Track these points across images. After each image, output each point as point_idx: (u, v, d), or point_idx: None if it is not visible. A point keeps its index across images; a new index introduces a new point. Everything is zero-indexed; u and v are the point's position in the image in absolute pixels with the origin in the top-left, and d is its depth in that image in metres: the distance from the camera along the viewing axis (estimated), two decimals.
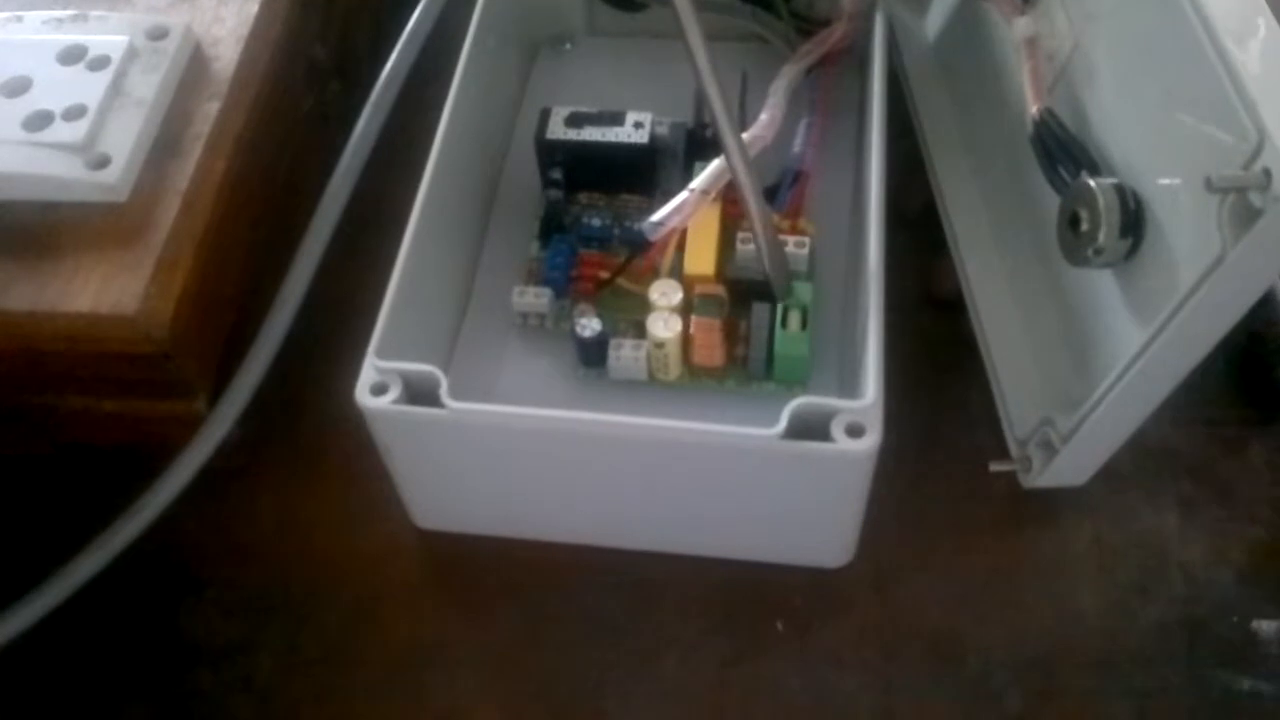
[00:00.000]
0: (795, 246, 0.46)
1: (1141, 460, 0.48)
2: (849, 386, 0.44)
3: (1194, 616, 0.44)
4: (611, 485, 0.42)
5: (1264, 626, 0.44)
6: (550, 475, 0.42)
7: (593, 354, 0.45)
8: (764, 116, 0.47)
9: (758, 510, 0.42)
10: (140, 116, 0.46)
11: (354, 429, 0.41)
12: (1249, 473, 0.47)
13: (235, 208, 0.47)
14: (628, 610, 0.45)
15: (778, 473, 0.40)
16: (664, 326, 0.44)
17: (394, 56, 0.54)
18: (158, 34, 0.48)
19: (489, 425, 0.39)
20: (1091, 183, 0.38)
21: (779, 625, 0.44)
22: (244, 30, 0.49)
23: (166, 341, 0.42)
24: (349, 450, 0.45)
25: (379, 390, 0.39)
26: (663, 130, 0.49)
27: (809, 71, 0.51)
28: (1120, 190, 0.37)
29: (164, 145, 0.46)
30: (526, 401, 0.40)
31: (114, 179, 0.44)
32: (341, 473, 0.48)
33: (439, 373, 0.39)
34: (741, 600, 0.45)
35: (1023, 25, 0.44)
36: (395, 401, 0.39)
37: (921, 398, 0.49)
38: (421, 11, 0.55)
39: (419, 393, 0.39)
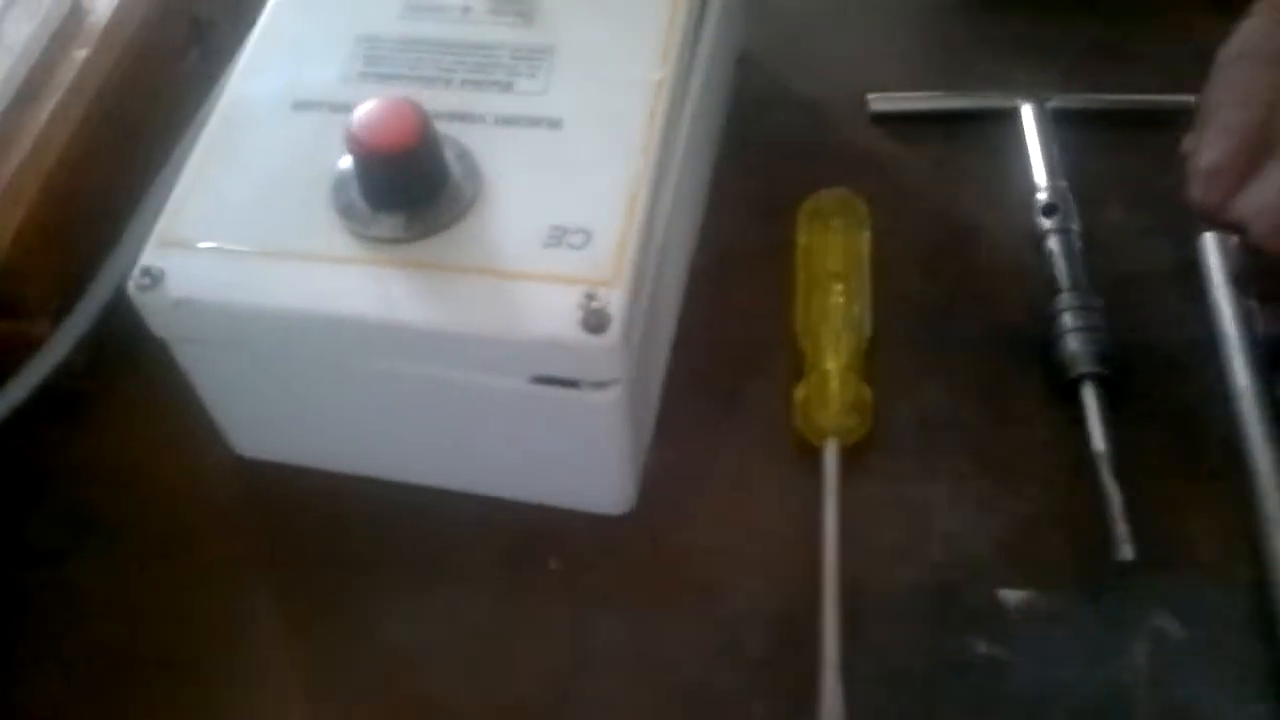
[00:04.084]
0: None
1: (925, 432, 0.50)
2: None
3: (946, 581, 0.46)
4: (392, 418, 0.45)
5: (1009, 595, 0.46)
6: (328, 399, 0.45)
7: None
8: None
9: (528, 452, 0.45)
10: (6, 64, 0.50)
11: None
12: (1025, 449, 0.49)
13: (92, 151, 0.51)
14: (415, 541, 0.48)
15: (533, 417, 0.43)
16: None
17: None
18: None
19: (224, 312, 0.42)
20: None
21: (552, 564, 0.47)
22: None
23: (2, 265, 0.46)
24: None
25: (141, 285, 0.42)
26: None
27: None
28: None
29: (28, 90, 0.50)
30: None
31: None
32: (179, 398, 0.51)
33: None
34: (523, 540, 0.48)
35: None
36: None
37: (725, 364, 0.51)
38: None
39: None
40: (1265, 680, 0.43)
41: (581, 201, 0.42)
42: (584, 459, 0.45)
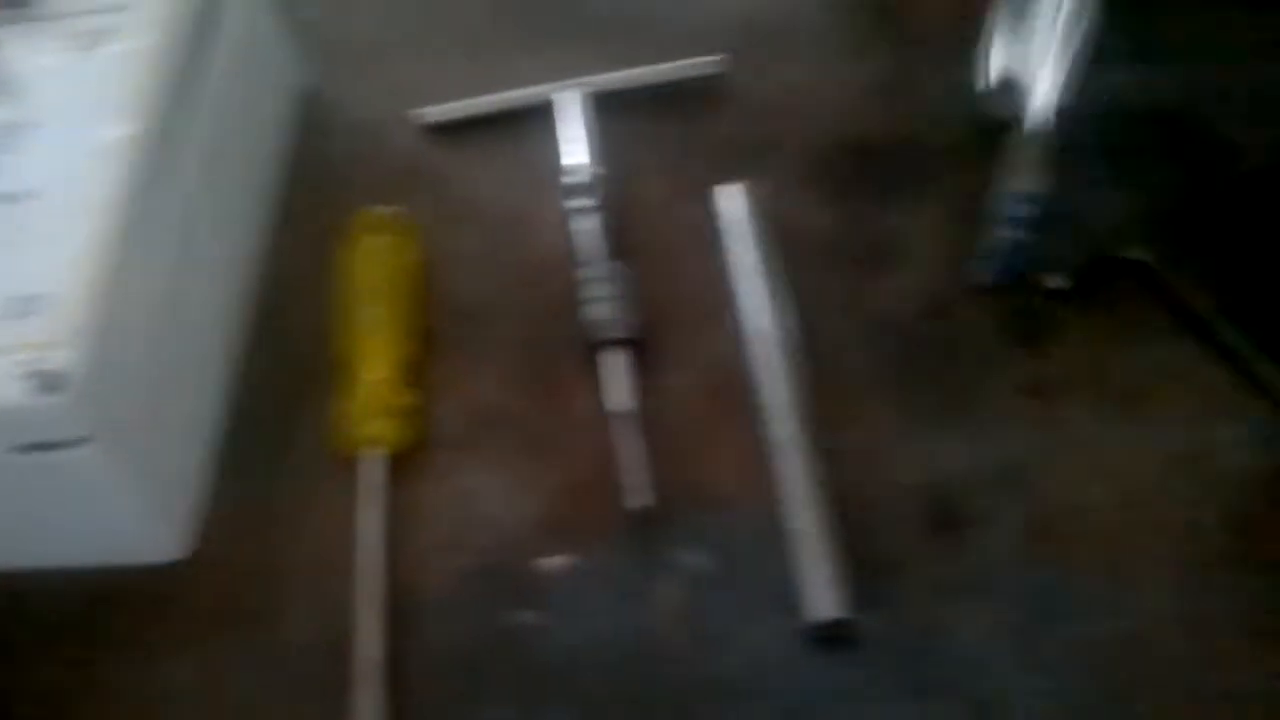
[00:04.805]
0: None
1: (477, 427, 0.52)
2: None
3: (492, 564, 0.48)
4: None
5: (547, 563, 0.48)
6: None
7: None
8: None
9: (49, 518, 0.46)
10: None
11: None
12: (567, 423, 0.52)
13: None
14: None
15: (33, 484, 0.44)
16: None
17: None
18: None
19: None
20: None
21: (116, 623, 0.48)
22: None
23: None
24: None
25: None
26: None
27: None
28: None
29: None
30: None
31: None
32: None
33: None
34: (88, 603, 0.48)
35: None
36: None
37: (284, 389, 0.53)
38: None
39: None
40: (783, 597, 0.46)
41: (37, 270, 0.43)
42: (107, 515, 0.46)
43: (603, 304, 0.52)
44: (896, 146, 0.59)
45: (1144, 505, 0.48)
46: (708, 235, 0.56)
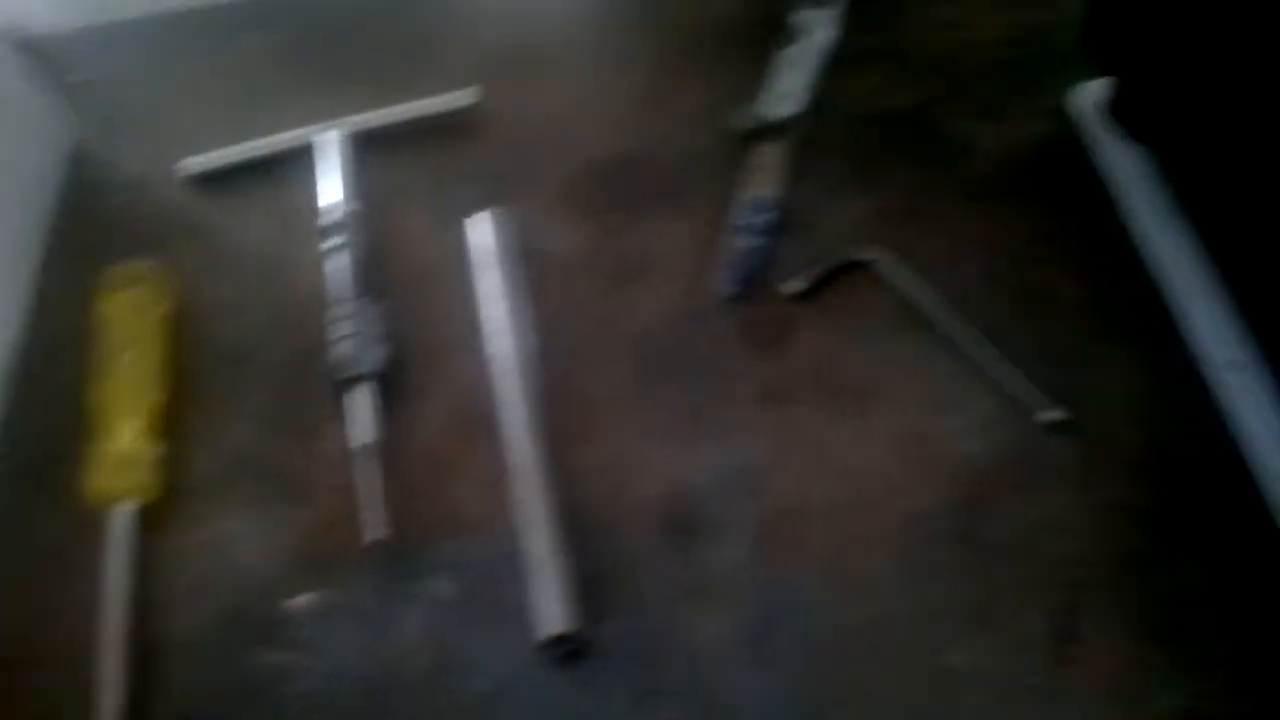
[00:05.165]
0: None
1: (231, 472, 0.53)
2: None
3: (241, 606, 0.49)
4: None
5: (294, 602, 0.49)
6: None
7: None
8: None
9: None
10: None
11: None
12: (319, 462, 0.52)
13: None
14: None
15: None
16: None
17: None
18: None
19: None
20: None
21: None
22: None
23: None
24: None
25: None
26: None
27: None
28: None
29: None
30: None
31: None
32: None
33: None
34: None
35: None
36: None
37: (49, 449, 0.53)
38: None
39: None
40: (521, 617, 0.47)
41: None
42: None
43: (349, 342, 0.53)
44: (651, 164, 0.61)
45: (872, 499, 0.50)
46: (461, 265, 0.57)
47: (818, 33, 0.63)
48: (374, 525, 0.49)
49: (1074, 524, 0.49)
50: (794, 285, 0.55)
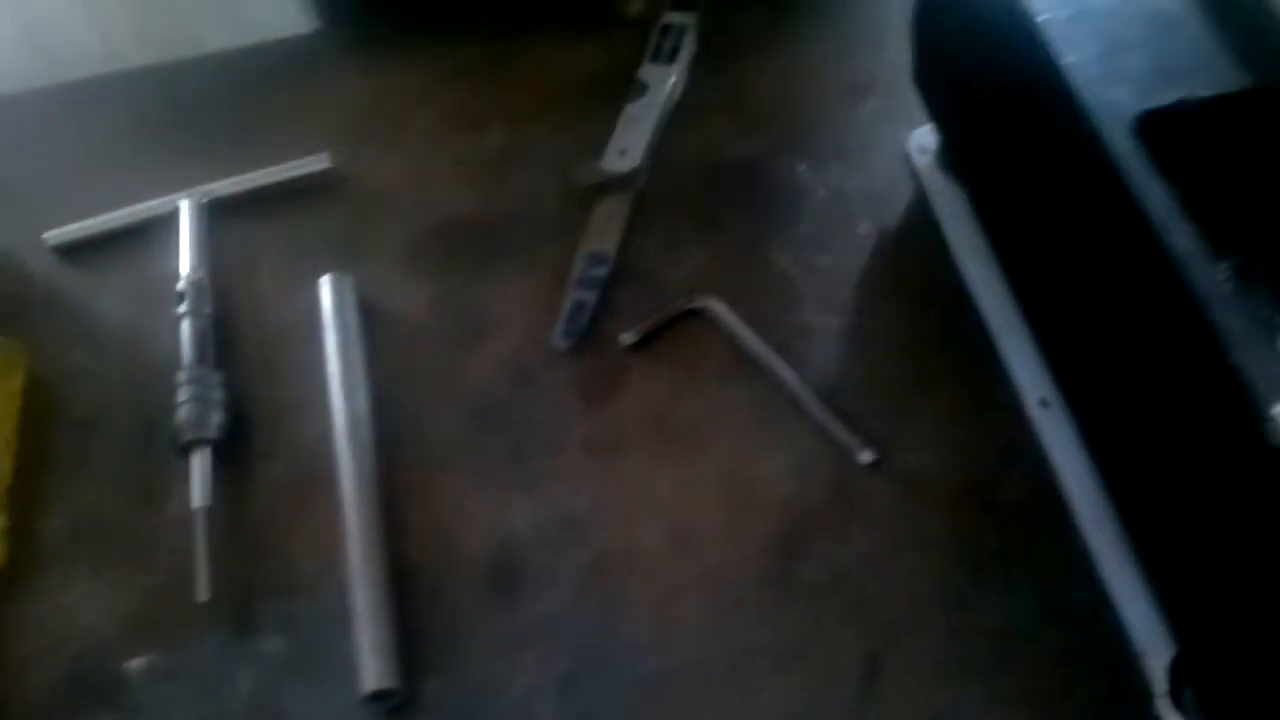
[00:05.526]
0: None
1: (77, 539, 0.54)
2: None
3: (80, 670, 0.50)
4: None
5: (131, 665, 0.50)
6: None
7: None
8: None
9: None
10: None
11: None
12: (165, 527, 0.53)
13: None
14: None
15: None
16: None
17: None
18: None
19: None
20: None
21: None
22: None
23: None
24: None
25: None
26: None
27: None
28: None
29: None
30: None
31: None
32: None
33: None
34: None
35: None
36: None
37: None
38: None
39: None
40: (348, 674, 0.48)
41: None
42: None
43: (187, 407, 0.54)
44: (497, 222, 0.63)
45: (694, 544, 0.51)
46: (310, 328, 0.59)
47: (664, 86, 0.65)
48: (202, 587, 0.50)
49: (887, 563, 0.50)
50: (628, 336, 0.57)
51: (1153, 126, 0.38)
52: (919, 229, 0.60)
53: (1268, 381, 0.32)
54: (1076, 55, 0.40)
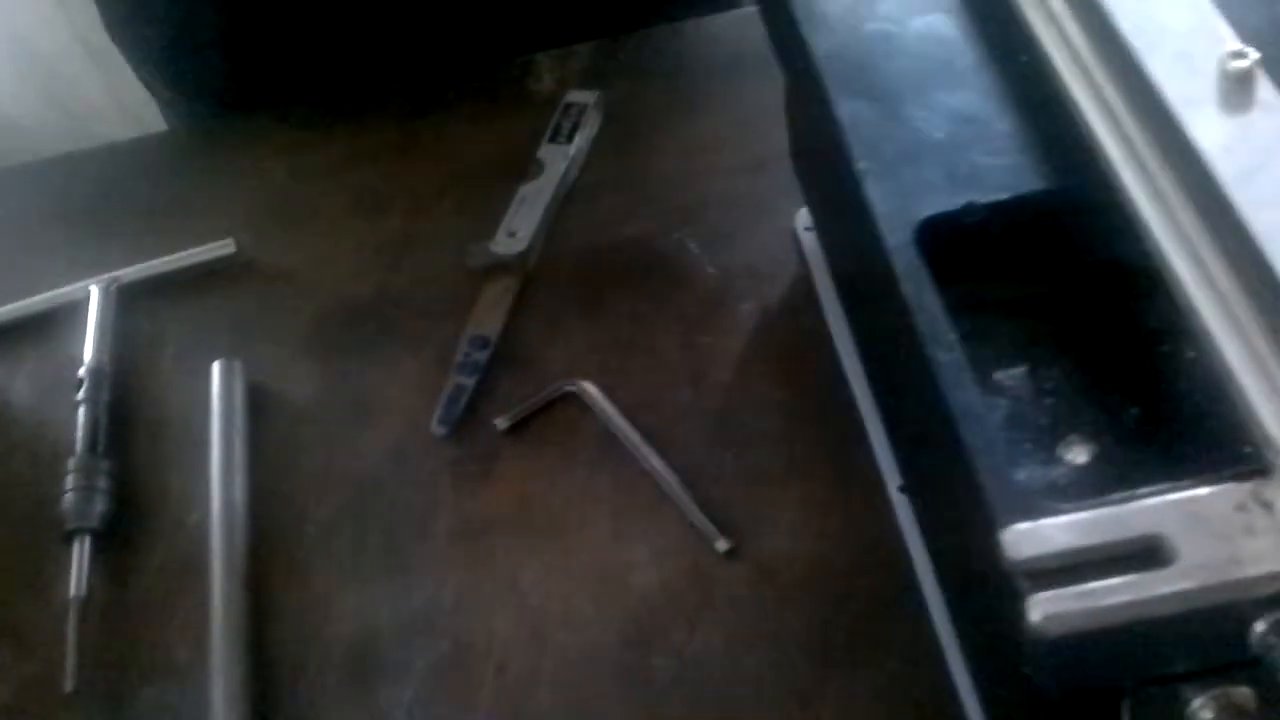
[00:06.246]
0: None
1: None
2: None
3: None
4: None
5: None
6: None
7: None
8: None
9: None
10: None
11: None
12: (44, 615, 0.55)
13: None
14: None
15: None
16: None
17: None
18: None
19: None
20: None
21: None
22: None
23: None
24: None
25: None
26: None
27: None
28: None
29: None
30: None
31: None
32: None
33: None
34: None
35: None
36: None
37: None
38: None
39: None
40: None
41: None
42: None
43: (71, 495, 0.56)
44: (392, 305, 0.64)
45: (550, 635, 0.52)
46: (199, 414, 0.60)
47: (559, 166, 0.66)
48: (70, 677, 0.51)
49: (741, 654, 0.50)
50: (502, 421, 0.57)
51: (936, 231, 0.38)
52: (800, 308, 0.60)
53: (1001, 504, 0.31)
54: (870, 160, 0.40)
